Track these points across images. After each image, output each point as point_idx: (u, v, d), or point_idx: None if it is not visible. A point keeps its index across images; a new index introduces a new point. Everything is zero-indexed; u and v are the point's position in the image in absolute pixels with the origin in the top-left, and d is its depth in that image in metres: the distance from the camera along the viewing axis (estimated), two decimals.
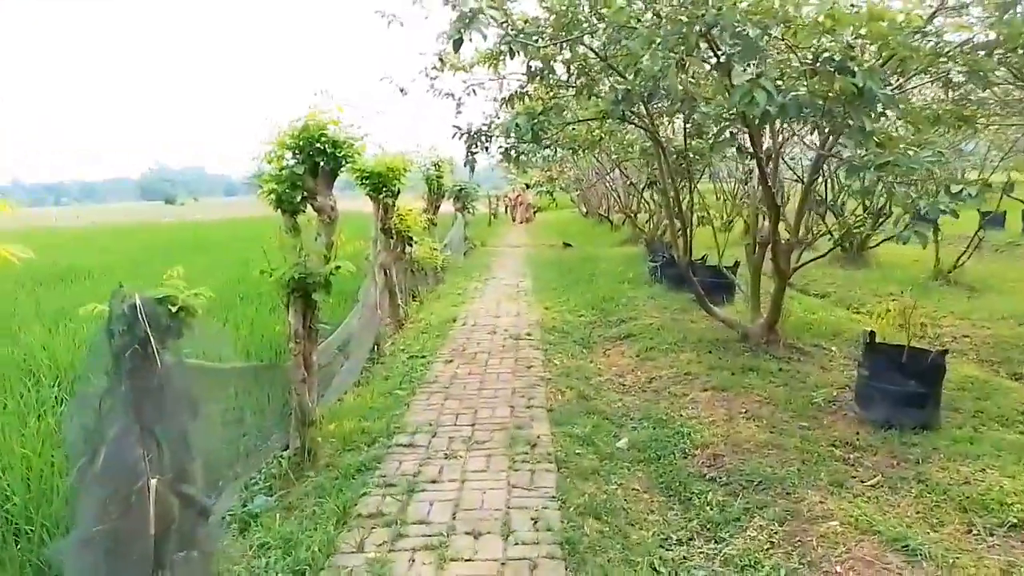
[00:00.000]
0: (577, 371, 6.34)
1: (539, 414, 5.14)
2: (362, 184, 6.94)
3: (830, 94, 4.08)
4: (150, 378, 2.64)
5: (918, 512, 3.64)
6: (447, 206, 14.85)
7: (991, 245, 14.06)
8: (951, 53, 5.22)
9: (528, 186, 29.80)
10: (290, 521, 3.60)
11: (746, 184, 11.18)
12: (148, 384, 2.64)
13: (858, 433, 4.75)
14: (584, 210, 28.26)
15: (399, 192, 7.85)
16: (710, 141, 8.47)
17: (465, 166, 5.88)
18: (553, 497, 3.76)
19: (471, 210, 17.63)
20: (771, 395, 5.56)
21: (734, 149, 10.39)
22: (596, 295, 10.30)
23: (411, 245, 8.97)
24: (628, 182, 13.74)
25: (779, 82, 3.94)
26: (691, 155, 7.67)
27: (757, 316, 7.41)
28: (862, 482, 4.02)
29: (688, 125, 8.15)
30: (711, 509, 3.76)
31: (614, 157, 10.35)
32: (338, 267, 4.03)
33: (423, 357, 6.84)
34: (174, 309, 2.66)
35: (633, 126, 9.62)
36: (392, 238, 8.24)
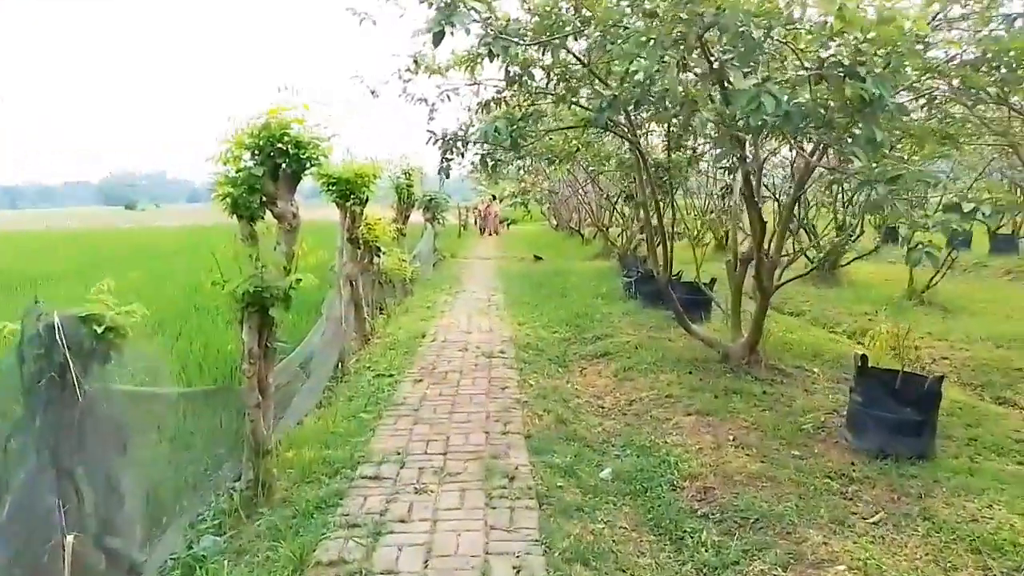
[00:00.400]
0: (554, 392, 6.01)
1: (516, 441, 4.77)
2: (328, 190, 6.54)
3: (831, 103, 3.85)
4: (69, 411, 2.23)
5: (928, 554, 3.37)
6: (416, 216, 14.48)
7: (959, 265, 14.14)
8: (940, 68, 5.05)
9: (495, 197, 29.61)
10: (240, 568, 3.18)
11: (723, 199, 11.03)
12: (67, 419, 2.23)
13: (853, 463, 4.49)
14: (555, 222, 28.07)
15: (367, 200, 7.47)
16: (689, 154, 8.32)
17: (439, 174, 5.53)
18: (536, 540, 3.39)
19: (441, 221, 17.26)
20: (757, 420, 5.29)
21: (706, 163, 10.25)
22: (570, 310, 10.01)
23: (379, 256, 8.57)
24: (604, 195, 13.51)
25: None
26: (670, 168, 7.44)
27: (738, 336, 7.17)
28: (864, 519, 3.75)
29: (668, 136, 7.95)
30: (706, 551, 3.44)
31: (590, 169, 10.09)
32: (299, 280, 3.64)
33: (390, 376, 6.43)
34: (100, 329, 2.26)
35: (611, 137, 9.42)
36: (359, 248, 7.84)
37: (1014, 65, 4.98)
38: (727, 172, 8.57)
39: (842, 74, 3.36)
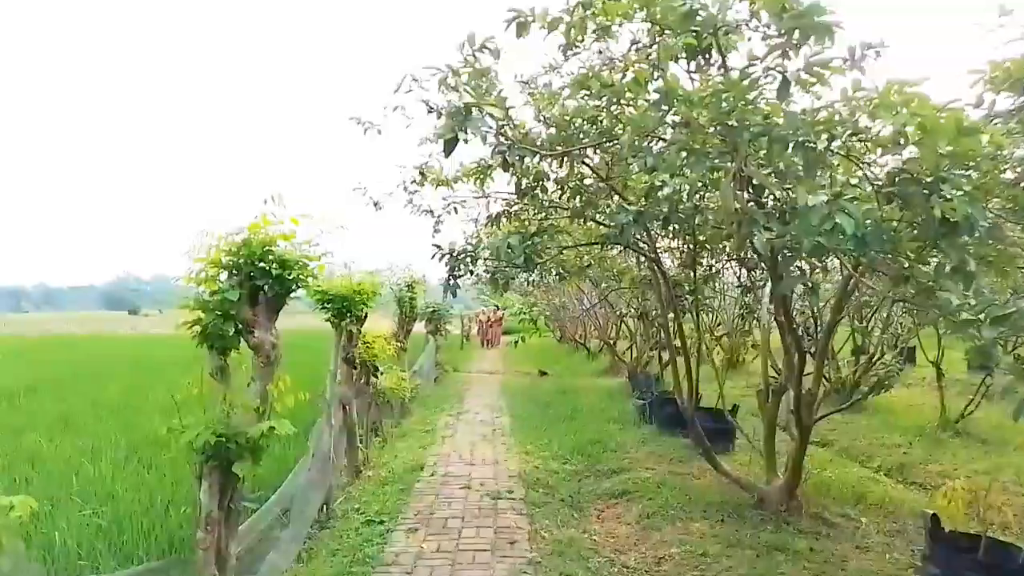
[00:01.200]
0: (570, 546, 5.18)
1: None
2: (323, 308, 5.97)
3: (894, 223, 3.35)
4: None
5: None
6: (418, 326, 13.94)
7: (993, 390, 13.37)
8: (987, 186, 4.62)
9: (497, 307, 29.01)
10: None
11: (742, 318, 10.46)
12: None
13: None
14: (559, 335, 27.47)
15: (366, 316, 6.92)
16: (705, 272, 7.81)
17: (446, 293, 4.99)
18: None
19: (443, 333, 16.67)
20: None
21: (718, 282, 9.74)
22: (581, 437, 9.22)
23: (377, 376, 7.92)
24: (617, 311, 12.93)
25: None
26: (694, 287, 6.90)
27: (773, 476, 6.42)
28: None
29: (687, 253, 7.48)
30: None
31: (603, 286, 9.57)
32: (272, 428, 2.99)
33: (381, 523, 5.57)
34: None
35: (623, 253, 8.98)
36: (355, 368, 7.21)
37: None
38: (743, 292, 8.06)
39: (926, 192, 2.84)
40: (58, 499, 5.64)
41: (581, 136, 4.90)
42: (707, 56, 3.89)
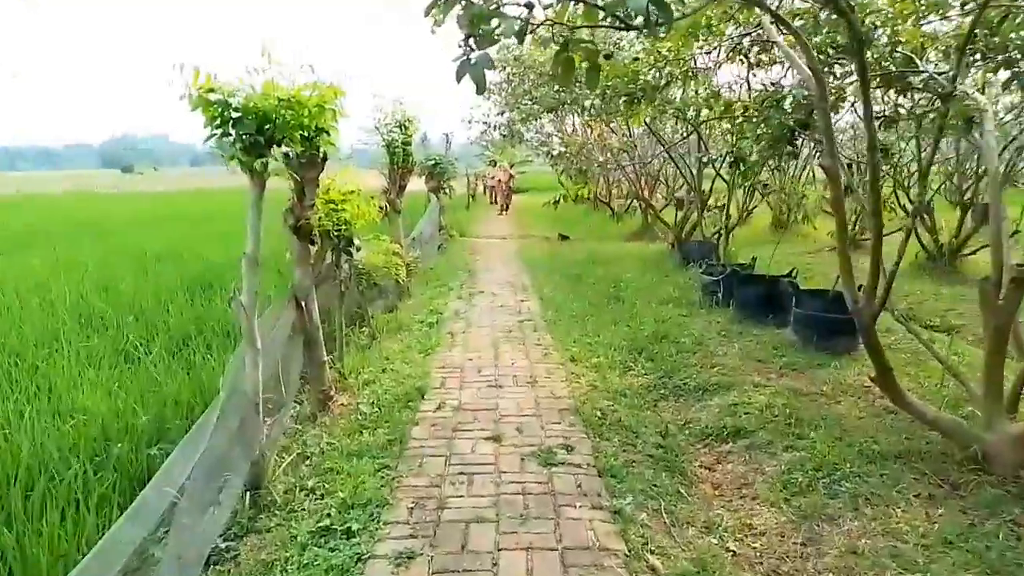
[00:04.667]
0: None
1: None
2: (224, 135, 3.13)
3: None
4: None
5: None
6: (417, 183, 11.10)
7: None
8: None
9: (494, 163, 25.99)
10: None
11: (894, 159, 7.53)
12: None
13: None
14: (575, 195, 24.51)
15: (325, 158, 4.17)
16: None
17: (459, 79, 2.16)
18: None
19: (448, 191, 13.82)
20: None
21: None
22: (638, 329, 6.72)
23: (351, 253, 5.25)
24: (700, 158, 9.84)
25: None
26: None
27: (997, 417, 3.88)
28: None
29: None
30: None
31: (689, 117, 6.63)
32: None
33: (348, 535, 3.04)
34: None
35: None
36: (313, 243, 4.53)
37: None
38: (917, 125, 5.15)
39: None
40: None
41: None
42: None
